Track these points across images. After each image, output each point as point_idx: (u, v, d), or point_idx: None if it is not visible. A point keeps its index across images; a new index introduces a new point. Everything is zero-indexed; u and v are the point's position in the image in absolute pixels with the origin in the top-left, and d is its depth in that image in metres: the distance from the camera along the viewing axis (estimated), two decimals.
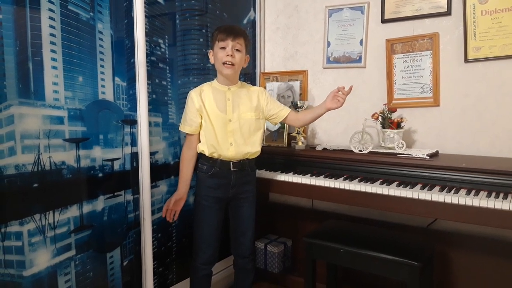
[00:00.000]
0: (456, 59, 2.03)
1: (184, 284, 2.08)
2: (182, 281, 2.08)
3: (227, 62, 1.69)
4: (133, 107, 1.75)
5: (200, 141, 1.79)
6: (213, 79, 1.82)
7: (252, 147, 1.79)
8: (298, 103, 2.26)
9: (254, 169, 1.87)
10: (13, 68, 1.31)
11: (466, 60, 1.99)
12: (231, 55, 1.68)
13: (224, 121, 1.74)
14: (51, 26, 1.42)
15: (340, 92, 1.74)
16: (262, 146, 1.87)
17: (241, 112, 1.76)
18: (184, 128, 1.78)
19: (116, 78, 1.68)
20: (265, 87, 2.56)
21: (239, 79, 1.83)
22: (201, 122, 1.76)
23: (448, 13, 2.03)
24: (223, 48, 1.69)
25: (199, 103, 1.74)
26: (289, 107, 2.42)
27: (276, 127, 2.41)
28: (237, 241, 1.88)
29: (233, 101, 1.76)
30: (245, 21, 2.49)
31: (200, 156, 1.81)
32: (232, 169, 1.76)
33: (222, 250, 1.90)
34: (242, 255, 1.89)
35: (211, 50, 1.77)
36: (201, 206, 1.80)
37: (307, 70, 2.48)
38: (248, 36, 1.79)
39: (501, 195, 1.52)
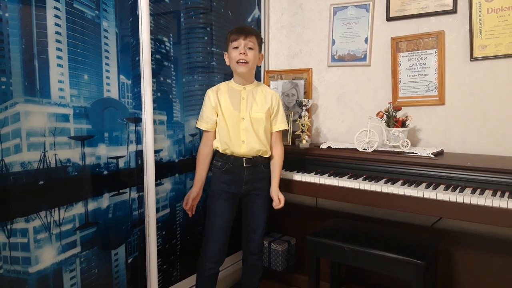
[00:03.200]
0: (461, 58, 2.02)
1: (189, 282, 2.09)
2: (187, 279, 2.09)
3: (241, 60, 1.73)
4: (138, 105, 1.76)
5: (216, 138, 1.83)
6: (217, 78, 1.84)
7: (264, 145, 1.81)
8: (303, 101, 2.26)
9: (268, 166, 1.89)
10: (19, 66, 1.32)
11: (472, 58, 1.98)
12: (244, 53, 1.73)
13: (238, 119, 1.78)
14: (57, 24, 1.43)
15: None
16: None
17: (253, 111, 1.79)
18: (201, 125, 1.84)
19: (121, 76, 1.69)
20: (269, 85, 2.56)
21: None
22: (217, 120, 1.80)
23: (453, 11, 2.02)
24: (236, 47, 1.75)
25: (215, 101, 1.79)
26: (293, 105, 2.44)
27: None
28: (248, 238, 1.90)
29: (248, 100, 1.80)
30: (249, 19, 2.49)
31: (215, 153, 1.85)
32: (244, 165, 1.79)
33: (229, 246, 1.90)
34: (252, 252, 1.91)
35: (226, 53, 1.83)
36: (215, 201, 1.83)
37: (311, 68, 2.47)
38: (260, 35, 1.84)
39: (507, 194, 1.52)
